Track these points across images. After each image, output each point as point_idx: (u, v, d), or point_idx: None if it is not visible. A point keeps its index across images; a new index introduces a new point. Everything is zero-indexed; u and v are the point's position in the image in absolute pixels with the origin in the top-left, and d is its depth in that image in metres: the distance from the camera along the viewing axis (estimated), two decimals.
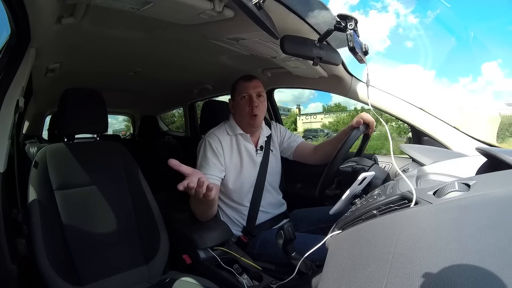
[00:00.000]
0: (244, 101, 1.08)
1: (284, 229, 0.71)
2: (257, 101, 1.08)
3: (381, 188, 0.66)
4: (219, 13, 0.82)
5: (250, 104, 1.07)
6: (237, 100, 1.10)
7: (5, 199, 0.74)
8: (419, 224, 0.38)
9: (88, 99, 1.02)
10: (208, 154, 1.03)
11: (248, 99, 1.08)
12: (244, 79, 1.11)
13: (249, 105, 1.07)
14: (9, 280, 0.70)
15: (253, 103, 1.07)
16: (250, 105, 1.07)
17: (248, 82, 1.09)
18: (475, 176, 0.48)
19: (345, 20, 0.72)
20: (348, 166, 0.96)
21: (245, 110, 1.08)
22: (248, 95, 1.08)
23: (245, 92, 1.08)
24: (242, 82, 1.10)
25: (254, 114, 1.07)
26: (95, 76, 1.62)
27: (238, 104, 1.09)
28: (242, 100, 1.08)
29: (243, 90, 1.09)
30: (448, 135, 1.05)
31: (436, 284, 0.27)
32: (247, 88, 1.08)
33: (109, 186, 0.98)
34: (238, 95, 1.10)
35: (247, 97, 1.08)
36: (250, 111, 1.07)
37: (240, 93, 1.09)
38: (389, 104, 1.12)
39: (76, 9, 0.82)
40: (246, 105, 1.08)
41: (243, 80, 1.11)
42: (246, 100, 1.08)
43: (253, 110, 1.07)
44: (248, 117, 1.08)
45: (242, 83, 1.10)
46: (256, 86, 1.10)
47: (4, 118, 0.74)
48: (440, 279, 0.27)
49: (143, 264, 0.93)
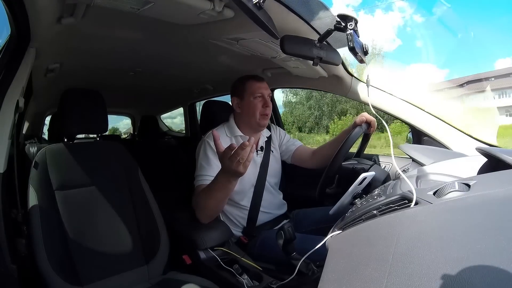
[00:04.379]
0: (257, 101, 1.10)
1: (284, 229, 0.71)
2: (268, 101, 1.13)
3: (381, 188, 0.66)
4: (219, 13, 0.82)
5: (264, 104, 1.11)
6: (248, 100, 1.11)
7: (5, 199, 0.74)
8: (419, 224, 0.38)
9: (88, 99, 1.02)
10: (209, 154, 1.03)
11: (262, 99, 1.11)
12: (256, 80, 1.13)
13: (262, 105, 1.11)
14: (9, 280, 0.69)
15: (268, 103, 1.11)
16: (264, 105, 1.11)
17: (261, 82, 1.13)
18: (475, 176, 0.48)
19: (345, 20, 0.72)
20: (348, 165, 0.96)
21: (258, 110, 1.10)
22: (262, 95, 1.11)
23: (259, 92, 1.11)
24: (255, 82, 1.12)
25: (267, 114, 1.11)
26: (95, 76, 1.62)
27: (251, 104, 1.11)
28: (255, 100, 1.10)
29: (257, 90, 1.11)
30: (448, 135, 1.05)
31: (436, 284, 0.27)
32: (261, 88, 1.11)
33: (109, 186, 0.98)
34: (250, 95, 1.11)
35: (260, 98, 1.11)
36: (262, 111, 1.10)
37: (253, 93, 1.11)
38: (389, 104, 1.12)
39: (76, 9, 0.82)
40: (259, 105, 1.10)
41: (255, 80, 1.13)
42: (259, 100, 1.11)
43: (266, 110, 1.11)
44: (259, 117, 1.11)
45: (255, 83, 1.12)
46: (267, 87, 1.14)
47: (4, 118, 0.74)
48: (440, 279, 0.27)
49: (143, 264, 0.93)
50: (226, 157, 0.77)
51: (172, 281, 0.87)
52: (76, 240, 0.86)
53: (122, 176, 1.01)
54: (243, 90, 1.12)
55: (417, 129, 1.10)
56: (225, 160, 0.78)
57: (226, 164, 0.78)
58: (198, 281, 0.84)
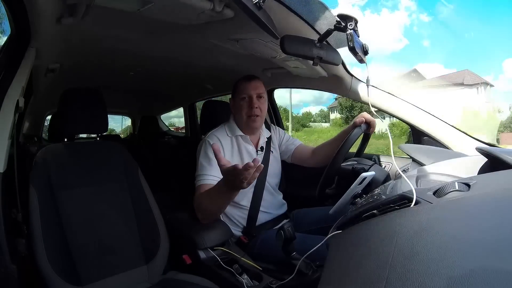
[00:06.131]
0: (243, 102, 1.08)
1: (284, 229, 0.71)
2: (257, 102, 1.08)
3: (381, 188, 0.66)
4: (219, 13, 0.82)
5: (250, 105, 1.07)
6: (237, 101, 1.10)
7: (5, 199, 0.74)
8: (419, 223, 0.38)
9: (88, 99, 1.01)
10: (209, 154, 1.03)
11: (248, 100, 1.08)
12: (245, 79, 1.10)
13: (248, 106, 1.07)
14: (9, 280, 0.69)
15: (253, 104, 1.07)
16: (249, 106, 1.07)
17: (248, 82, 1.09)
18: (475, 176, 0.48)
19: (345, 20, 0.72)
20: (348, 165, 0.96)
21: (244, 111, 1.08)
22: (248, 96, 1.08)
23: (245, 93, 1.08)
24: (242, 82, 1.10)
25: (255, 115, 1.07)
26: (95, 76, 1.62)
27: (238, 105, 1.09)
28: (242, 101, 1.08)
29: (243, 91, 1.08)
30: (448, 135, 1.05)
31: (436, 284, 0.27)
32: (246, 89, 1.08)
33: (109, 186, 0.98)
34: (238, 96, 1.09)
35: (246, 98, 1.08)
36: (249, 112, 1.07)
37: (240, 93, 1.09)
38: (389, 104, 1.12)
39: (76, 9, 0.82)
40: (245, 106, 1.08)
41: (243, 80, 1.10)
42: (245, 101, 1.08)
43: (252, 111, 1.07)
44: (246, 118, 1.08)
45: (242, 83, 1.10)
46: (257, 87, 1.09)
47: (4, 118, 0.74)
48: (440, 279, 0.27)
49: (143, 264, 0.93)
50: (229, 174, 0.76)
51: (172, 281, 0.87)
52: (76, 240, 0.86)
53: (122, 176, 1.01)
54: (234, 90, 1.12)
55: (417, 129, 1.10)
56: (228, 176, 0.77)
57: (229, 180, 0.78)
58: (198, 281, 0.84)
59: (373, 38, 15.71)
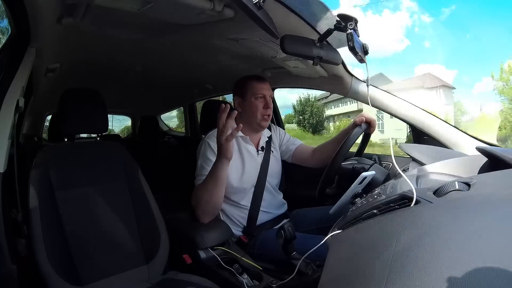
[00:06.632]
0: (259, 102, 1.10)
1: (284, 229, 0.71)
2: (270, 102, 1.12)
3: (381, 188, 0.66)
4: (219, 13, 0.82)
5: (266, 105, 1.10)
6: (250, 100, 1.11)
7: (5, 199, 0.74)
8: (419, 223, 0.38)
9: (88, 99, 1.01)
10: (209, 155, 1.03)
11: (264, 100, 1.11)
12: (258, 80, 1.13)
13: (264, 106, 1.10)
14: (9, 280, 0.69)
15: (269, 104, 1.11)
16: (265, 106, 1.10)
17: (263, 83, 1.12)
18: (475, 176, 0.48)
19: (345, 20, 0.72)
20: (349, 164, 0.96)
21: (260, 111, 1.10)
22: (263, 95, 1.11)
23: (261, 93, 1.10)
24: (257, 83, 1.12)
25: (268, 115, 1.11)
26: (95, 76, 1.62)
27: (252, 104, 1.10)
28: (257, 100, 1.10)
29: (259, 91, 1.10)
30: (448, 134, 1.05)
31: (436, 283, 0.27)
32: (263, 89, 1.11)
33: (109, 186, 0.98)
34: (252, 95, 1.10)
35: (262, 98, 1.11)
36: (263, 112, 1.10)
37: (255, 93, 1.10)
38: (389, 103, 1.12)
39: (76, 9, 0.82)
40: (261, 106, 1.10)
41: (257, 81, 1.12)
42: (261, 101, 1.10)
43: (267, 111, 1.11)
44: (260, 118, 1.10)
45: (256, 83, 1.11)
46: (269, 89, 1.14)
47: (4, 118, 0.74)
48: (440, 278, 0.27)
49: (143, 264, 0.93)
50: None
51: (172, 281, 0.87)
52: (76, 240, 0.86)
53: (122, 176, 1.01)
54: (246, 90, 1.12)
55: (417, 128, 1.10)
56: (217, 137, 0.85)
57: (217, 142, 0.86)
58: (198, 281, 0.84)
59: (374, 39, 15.95)
